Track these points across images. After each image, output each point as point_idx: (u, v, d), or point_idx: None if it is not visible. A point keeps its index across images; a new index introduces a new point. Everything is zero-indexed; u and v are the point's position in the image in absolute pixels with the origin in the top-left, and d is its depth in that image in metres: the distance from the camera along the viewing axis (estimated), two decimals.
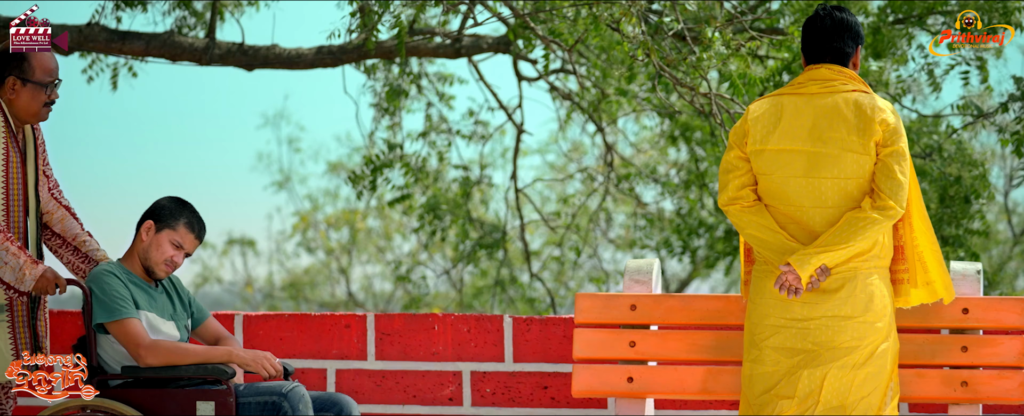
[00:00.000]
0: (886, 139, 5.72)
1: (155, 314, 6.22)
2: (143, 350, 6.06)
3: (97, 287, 6.13)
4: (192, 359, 6.09)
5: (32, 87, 6.13)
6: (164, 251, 6.24)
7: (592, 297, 6.32)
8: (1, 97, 6.15)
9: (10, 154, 6.11)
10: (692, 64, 7.99)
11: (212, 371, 6.07)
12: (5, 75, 6.14)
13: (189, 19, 10.82)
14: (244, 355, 6.12)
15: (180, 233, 6.25)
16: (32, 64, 6.13)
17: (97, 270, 6.19)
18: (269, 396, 6.07)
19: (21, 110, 6.15)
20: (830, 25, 5.82)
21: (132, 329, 6.08)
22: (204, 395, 6.06)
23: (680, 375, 6.24)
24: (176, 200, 6.32)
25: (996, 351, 6.07)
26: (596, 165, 17.49)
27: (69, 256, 6.39)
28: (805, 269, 5.64)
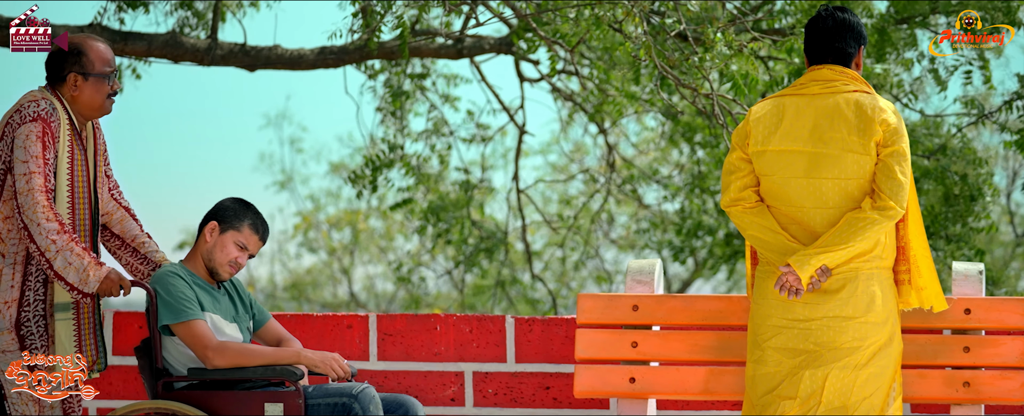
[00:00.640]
0: (887, 139, 5.71)
1: (219, 316, 6.15)
2: (211, 352, 5.99)
3: (162, 288, 6.06)
4: (260, 360, 6.02)
5: (94, 80, 6.09)
6: (228, 252, 6.18)
7: (594, 297, 6.32)
8: (63, 95, 6.10)
9: (75, 153, 6.07)
10: (694, 65, 7.98)
11: (281, 372, 6.00)
12: (65, 72, 6.08)
13: (191, 20, 10.82)
14: (313, 356, 6.05)
15: (244, 234, 6.20)
16: (90, 57, 6.08)
17: (162, 271, 6.12)
18: (339, 397, 6.00)
19: (85, 105, 6.11)
20: (832, 25, 5.81)
21: (199, 331, 6.01)
22: (273, 397, 5.99)
23: (682, 376, 6.24)
24: (239, 201, 6.26)
25: (998, 351, 6.06)
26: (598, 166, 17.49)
27: (127, 257, 6.35)
28: (805, 270, 5.63)
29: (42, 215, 5.86)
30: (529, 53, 11.21)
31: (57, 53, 6.11)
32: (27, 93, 6.09)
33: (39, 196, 5.87)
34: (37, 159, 5.91)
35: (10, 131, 5.98)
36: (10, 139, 5.98)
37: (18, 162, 5.92)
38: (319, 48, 10.38)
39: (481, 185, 13.74)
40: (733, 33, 8.24)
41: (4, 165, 6.00)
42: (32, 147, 5.92)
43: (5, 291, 5.99)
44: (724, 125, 7.95)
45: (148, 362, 6.15)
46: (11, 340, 5.98)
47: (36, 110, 5.99)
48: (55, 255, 5.87)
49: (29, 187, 5.88)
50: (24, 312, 6.00)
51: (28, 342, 6.00)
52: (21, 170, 5.90)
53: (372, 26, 8.91)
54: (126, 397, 7.25)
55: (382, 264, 22.82)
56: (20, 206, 5.89)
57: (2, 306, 5.98)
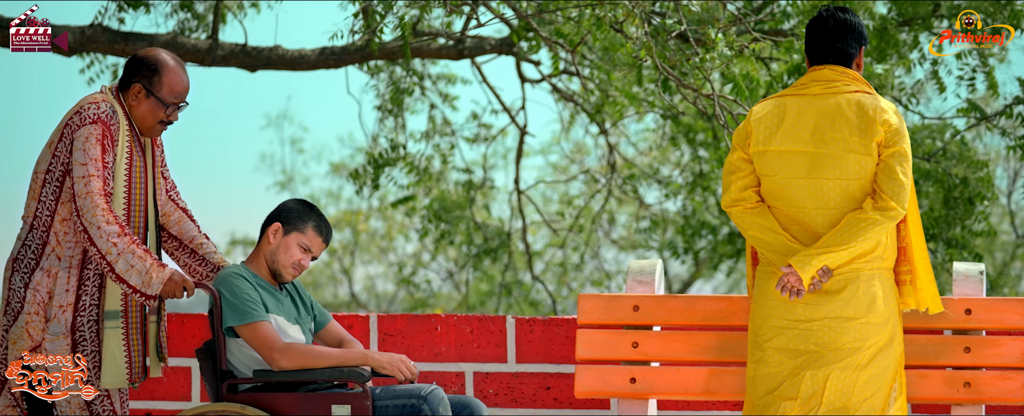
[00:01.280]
0: (888, 140, 5.71)
1: (282, 317, 6.10)
2: (277, 353, 5.94)
3: (227, 290, 6.01)
4: (327, 362, 5.96)
5: (153, 102, 6.03)
6: (292, 254, 6.12)
7: (595, 298, 6.32)
8: (125, 101, 6.05)
9: (134, 157, 6.01)
10: (695, 65, 7.98)
11: (348, 374, 5.94)
12: (133, 81, 6.03)
13: (191, 22, 10.82)
14: (380, 358, 5.99)
15: (308, 236, 6.14)
16: (162, 79, 6.02)
17: (225, 272, 6.07)
18: (408, 399, 5.95)
19: (138, 120, 6.04)
20: (833, 26, 5.81)
21: (265, 332, 5.96)
22: (340, 398, 5.94)
23: (683, 376, 6.24)
24: (303, 202, 6.21)
25: (999, 352, 6.06)
26: (598, 166, 17.49)
27: (185, 258, 6.29)
28: (806, 270, 5.63)
29: (102, 218, 5.79)
30: (530, 54, 11.22)
31: (137, 59, 6.05)
32: (88, 95, 6.03)
33: (98, 199, 5.81)
34: (96, 162, 5.85)
35: (69, 132, 5.91)
36: (69, 141, 5.91)
37: (77, 164, 5.85)
38: (320, 49, 10.38)
39: (484, 186, 13.74)
40: (734, 34, 8.24)
41: (63, 167, 5.93)
42: (91, 150, 5.85)
43: (61, 295, 5.92)
44: (725, 125, 7.95)
45: (211, 364, 6.08)
46: (66, 346, 5.91)
47: (96, 112, 5.92)
48: (116, 258, 5.80)
49: (88, 190, 5.81)
50: (79, 316, 5.93)
51: (80, 347, 5.93)
52: (80, 173, 5.84)
53: (373, 27, 8.91)
54: (171, 398, 7.25)
55: (383, 264, 22.83)
56: (79, 209, 5.83)
57: (57, 310, 5.91)
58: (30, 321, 5.90)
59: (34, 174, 5.99)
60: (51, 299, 5.92)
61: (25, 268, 5.95)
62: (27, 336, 5.90)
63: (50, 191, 5.95)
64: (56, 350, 5.90)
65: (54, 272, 5.92)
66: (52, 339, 5.90)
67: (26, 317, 5.90)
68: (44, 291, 5.91)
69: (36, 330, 5.90)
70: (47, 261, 5.94)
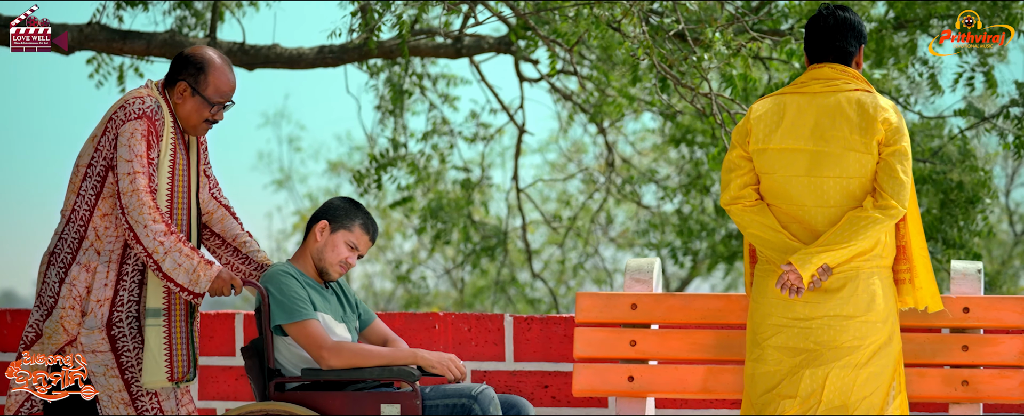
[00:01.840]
0: (888, 138, 5.71)
1: (330, 316, 6.05)
2: (326, 352, 5.90)
3: (275, 288, 5.97)
4: (376, 361, 5.92)
5: (199, 100, 5.98)
6: (339, 252, 6.09)
7: (593, 296, 6.32)
8: (170, 98, 6.00)
9: (178, 154, 5.96)
10: (693, 64, 7.99)
11: (397, 373, 5.90)
12: (179, 79, 5.99)
13: (190, 20, 10.82)
14: (429, 357, 5.95)
15: (355, 234, 6.11)
16: (208, 79, 5.97)
17: (273, 270, 6.03)
18: (458, 398, 5.91)
19: (182, 118, 5.99)
20: (833, 24, 5.82)
21: (313, 331, 5.92)
22: (389, 398, 5.89)
23: (681, 374, 6.24)
24: (349, 200, 6.17)
25: (997, 350, 6.07)
26: (596, 164, 17.50)
27: (228, 256, 6.25)
28: (806, 268, 5.64)
29: (149, 216, 5.74)
30: (528, 52, 11.22)
31: (183, 56, 6.00)
32: (133, 90, 5.98)
33: (144, 196, 5.76)
34: (141, 158, 5.80)
35: (113, 127, 5.86)
36: (113, 136, 5.86)
37: (122, 161, 5.80)
38: (318, 47, 10.39)
39: (482, 184, 13.75)
40: (732, 33, 8.24)
41: (105, 162, 5.88)
42: (136, 146, 5.80)
43: (99, 289, 5.86)
44: (722, 125, 7.95)
45: (257, 363, 6.03)
46: (102, 340, 5.86)
47: (141, 108, 5.87)
48: (164, 256, 5.76)
49: (133, 187, 5.76)
50: (116, 312, 5.88)
51: (119, 343, 5.88)
52: (125, 169, 5.79)
53: (371, 25, 8.91)
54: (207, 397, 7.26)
55: (380, 263, 22.82)
56: (124, 207, 5.78)
57: (94, 304, 5.86)
58: (65, 315, 5.84)
59: (75, 168, 5.93)
60: (89, 294, 5.86)
61: (61, 262, 5.89)
62: (62, 330, 5.85)
63: (90, 185, 5.89)
64: (92, 344, 5.85)
65: (93, 267, 5.87)
66: (87, 333, 5.84)
67: (61, 311, 5.84)
68: (81, 285, 5.86)
69: (71, 324, 5.85)
70: (85, 256, 5.88)
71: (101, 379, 5.87)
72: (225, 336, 7.27)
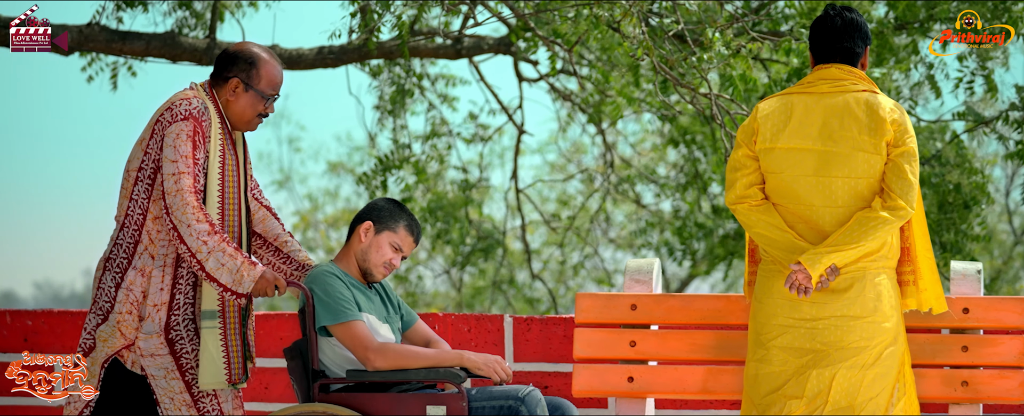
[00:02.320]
0: (897, 139, 5.71)
1: (374, 316, 6.02)
2: (372, 353, 5.86)
3: (319, 288, 5.93)
4: (422, 362, 5.88)
5: (253, 95, 5.95)
6: (383, 253, 6.05)
7: (592, 297, 6.32)
8: (219, 97, 5.97)
9: (227, 155, 5.93)
10: (692, 65, 7.99)
11: (444, 375, 5.86)
12: (230, 75, 5.96)
13: (189, 20, 10.82)
14: (476, 359, 5.91)
15: (400, 235, 6.08)
16: (260, 72, 5.94)
17: (317, 271, 5.99)
18: (504, 400, 5.87)
19: (235, 115, 5.96)
20: (841, 25, 5.81)
21: (359, 332, 5.88)
22: (435, 399, 5.86)
23: (680, 375, 6.24)
24: (393, 201, 6.14)
25: (996, 351, 6.07)
26: (596, 165, 17.50)
27: (270, 257, 6.21)
28: (816, 268, 5.63)
29: (192, 216, 5.72)
30: (528, 53, 11.22)
31: (230, 54, 5.98)
32: (179, 92, 5.95)
33: (188, 196, 5.73)
34: (186, 159, 5.77)
35: (160, 129, 5.83)
36: (160, 137, 5.83)
37: (167, 161, 5.77)
38: (317, 48, 10.38)
39: (479, 185, 13.75)
40: (731, 34, 8.25)
41: (154, 164, 5.85)
42: (182, 146, 5.78)
43: (155, 294, 5.83)
44: (722, 125, 7.95)
45: (300, 364, 5.99)
46: (160, 344, 5.82)
47: (188, 108, 5.84)
48: (207, 256, 5.72)
49: (178, 187, 5.74)
50: (173, 316, 5.85)
51: (177, 346, 5.85)
52: (170, 170, 5.76)
53: (371, 26, 8.91)
54: None
55: None
56: (168, 207, 5.75)
57: (151, 309, 5.82)
58: (122, 320, 5.81)
59: (126, 172, 5.91)
60: (145, 298, 5.83)
61: (117, 267, 5.86)
62: (119, 335, 5.81)
63: (142, 189, 5.86)
64: (150, 348, 5.82)
65: (148, 271, 5.84)
66: (145, 337, 5.81)
67: (118, 316, 5.81)
68: (138, 290, 5.83)
69: (129, 329, 5.82)
70: (140, 260, 5.85)
71: (162, 382, 5.84)
72: None
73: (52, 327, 7.31)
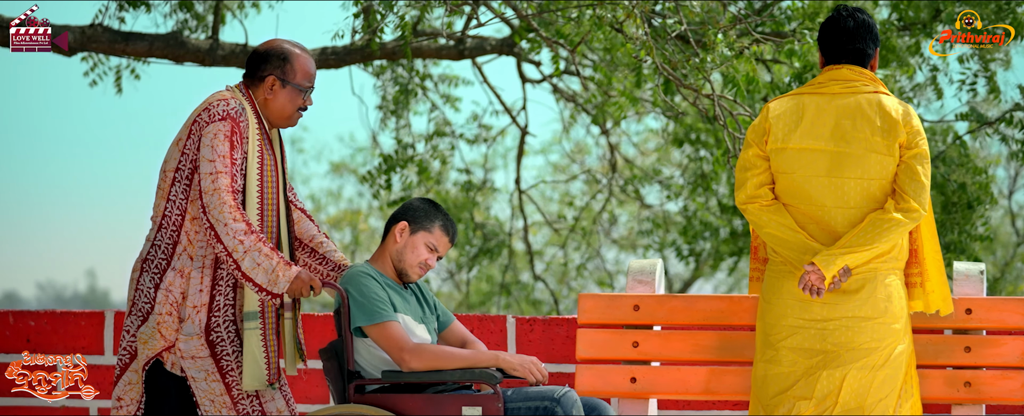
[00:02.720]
0: (910, 141, 5.71)
1: (410, 317, 5.99)
2: (407, 354, 5.83)
3: (355, 289, 5.91)
4: (458, 363, 5.85)
5: (291, 90, 5.94)
6: (419, 254, 6.03)
7: (595, 297, 6.32)
8: (256, 97, 5.96)
9: (265, 156, 5.91)
10: (695, 66, 7.98)
11: (479, 376, 5.83)
12: (265, 73, 5.94)
13: (191, 22, 10.83)
14: (511, 359, 5.88)
15: (436, 235, 6.05)
16: (294, 66, 5.93)
17: (352, 271, 5.97)
18: (540, 401, 5.84)
19: (274, 112, 5.95)
20: (853, 26, 5.80)
21: (394, 332, 5.85)
22: (471, 400, 5.82)
23: (683, 375, 6.23)
24: (428, 201, 6.12)
25: (999, 352, 6.06)
26: (599, 166, 17.50)
27: (305, 258, 6.18)
28: (830, 269, 5.62)
29: (229, 215, 5.69)
30: (531, 54, 11.22)
31: (261, 53, 5.97)
32: (215, 92, 5.93)
33: (225, 196, 5.71)
34: (224, 159, 5.75)
35: (197, 129, 5.81)
36: (197, 138, 5.81)
37: (204, 161, 5.75)
38: (321, 48, 10.38)
39: (484, 186, 13.75)
40: (734, 35, 8.24)
41: (191, 165, 5.82)
42: (219, 146, 5.76)
43: (194, 295, 5.80)
44: (725, 126, 7.95)
45: (336, 364, 5.97)
46: (201, 346, 5.79)
47: (225, 109, 5.82)
48: (243, 256, 5.70)
49: (215, 187, 5.72)
50: (214, 317, 5.82)
51: (218, 348, 5.81)
52: (207, 169, 5.74)
53: (374, 27, 8.91)
54: None
55: None
56: (205, 206, 5.72)
57: (191, 311, 5.80)
58: (162, 322, 5.78)
59: (162, 173, 5.89)
60: (184, 299, 5.80)
61: (155, 268, 5.83)
62: (159, 336, 5.78)
63: (180, 189, 5.84)
64: (190, 350, 5.79)
65: (187, 272, 5.81)
66: (186, 339, 5.78)
67: (157, 318, 5.78)
68: (177, 291, 5.80)
69: (168, 330, 5.79)
70: (179, 261, 5.82)
71: (202, 384, 5.81)
72: None
73: (54, 328, 7.31)
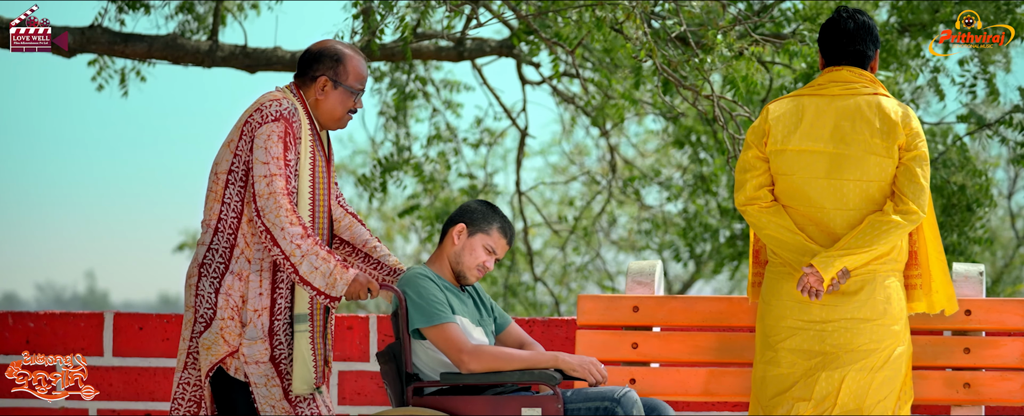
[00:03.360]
0: (909, 143, 5.71)
1: (467, 319, 5.96)
2: (466, 355, 5.79)
3: (412, 291, 5.87)
4: (517, 364, 5.80)
5: (342, 91, 5.88)
6: (477, 256, 5.99)
7: (595, 299, 6.32)
8: (307, 98, 5.91)
9: (316, 157, 5.87)
10: (695, 67, 7.99)
11: (539, 377, 5.78)
12: (318, 74, 5.88)
13: (191, 24, 10.83)
14: (571, 360, 5.82)
15: (494, 238, 6.01)
16: (347, 68, 5.88)
17: (410, 273, 5.93)
18: (600, 402, 5.78)
19: (325, 114, 5.90)
20: (853, 28, 5.80)
21: (453, 334, 5.81)
22: (530, 401, 5.78)
23: (682, 377, 6.24)
24: (486, 203, 6.08)
25: (998, 353, 6.07)
26: (599, 167, 17.50)
27: (359, 263, 6.12)
28: (828, 271, 5.62)
29: (286, 219, 5.64)
30: (531, 55, 11.22)
31: (314, 53, 5.92)
32: (267, 93, 5.89)
33: (281, 199, 5.66)
34: (278, 160, 5.70)
35: (249, 131, 5.76)
36: (249, 139, 5.76)
37: (258, 163, 5.70)
38: None
39: (486, 189, 13.75)
40: (734, 36, 8.24)
41: (244, 166, 5.76)
42: (273, 148, 5.71)
43: (254, 299, 5.74)
44: (725, 127, 7.95)
45: (394, 367, 5.93)
46: (265, 350, 5.75)
47: (278, 109, 5.76)
48: (300, 260, 5.64)
49: (270, 190, 5.67)
50: (276, 321, 5.77)
51: (277, 352, 5.78)
52: (261, 171, 5.69)
53: (374, 28, 8.91)
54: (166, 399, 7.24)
55: None
56: (260, 209, 5.67)
57: (252, 314, 5.74)
58: (225, 327, 5.72)
59: (214, 175, 5.83)
60: (245, 303, 5.75)
61: (214, 273, 5.77)
62: (222, 342, 5.73)
63: (234, 192, 5.79)
64: (255, 355, 5.74)
65: (246, 275, 5.76)
66: (249, 343, 5.73)
67: (220, 323, 5.73)
68: (237, 295, 5.75)
69: (232, 335, 5.73)
70: (237, 264, 5.77)
71: (263, 389, 5.78)
72: None
73: (54, 329, 7.31)
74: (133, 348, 7.30)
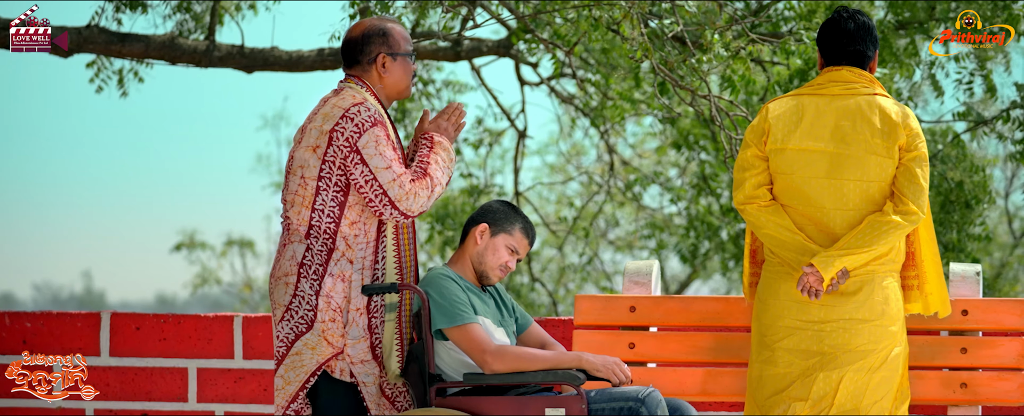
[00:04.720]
0: (909, 143, 5.71)
1: (489, 320, 5.94)
2: (489, 356, 5.77)
3: (435, 291, 5.86)
4: (540, 365, 5.78)
5: (402, 60, 5.89)
6: (500, 256, 5.98)
7: (592, 299, 6.32)
8: (371, 82, 5.91)
9: (400, 146, 5.89)
10: (692, 67, 7.99)
11: (562, 377, 5.76)
12: (375, 54, 5.86)
13: (189, 22, 10.83)
14: (594, 360, 5.80)
15: (516, 238, 6.00)
16: (395, 37, 5.87)
17: (432, 274, 5.92)
18: (624, 402, 5.77)
19: (392, 87, 5.89)
20: (853, 28, 5.80)
21: (476, 334, 5.80)
22: (554, 402, 5.76)
23: (679, 377, 6.24)
24: (507, 203, 6.07)
25: (995, 353, 6.07)
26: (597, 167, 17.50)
27: None
28: (828, 271, 5.62)
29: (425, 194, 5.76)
30: (529, 55, 11.23)
31: (358, 38, 5.88)
32: (338, 97, 5.84)
33: (415, 188, 5.72)
34: (396, 160, 5.72)
35: (339, 138, 5.72)
36: (344, 147, 5.72)
37: (380, 171, 5.69)
38: (317, 50, 10.39)
39: (487, 189, 13.75)
40: (731, 35, 8.25)
41: (339, 172, 5.73)
42: (386, 151, 5.71)
43: (356, 298, 5.75)
44: (722, 127, 7.96)
45: (416, 368, 5.91)
46: (366, 348, 5.77)
47: (369, 114, 5.74)
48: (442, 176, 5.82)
49: (404, 190, 5.71)
50: (373, 318, 5.78)
51: (377, 350, 5.79)
52: (387, 177, 5.69)
53: None
54: (168, 399, 7.23)
55: None
56: (406, 212, 5.71)
57: (355, 314, 5.76)
58: (327, 329, 5.71)
59: (301, 180, 5.80)
60: (348, 303, 5.75)
61: (314, 275, 5.75)
62: (326, 343, 5.71)
63: (330, 198, 5.75)
64: (359, 354, 5.74)
65: (347, 276, 5.75)
66: (353, 343, 5.73)
67: (322, 325, 5.71)
68: (339, 296, 5.74)
69: (335, 336, 5.73)
70: (337, 267, 5.75)
71: (372, 388, 5.80)
72: (224, 338, 7.28)
73: (51, 329, 7.31)
74: (130, 348, 7.30)
